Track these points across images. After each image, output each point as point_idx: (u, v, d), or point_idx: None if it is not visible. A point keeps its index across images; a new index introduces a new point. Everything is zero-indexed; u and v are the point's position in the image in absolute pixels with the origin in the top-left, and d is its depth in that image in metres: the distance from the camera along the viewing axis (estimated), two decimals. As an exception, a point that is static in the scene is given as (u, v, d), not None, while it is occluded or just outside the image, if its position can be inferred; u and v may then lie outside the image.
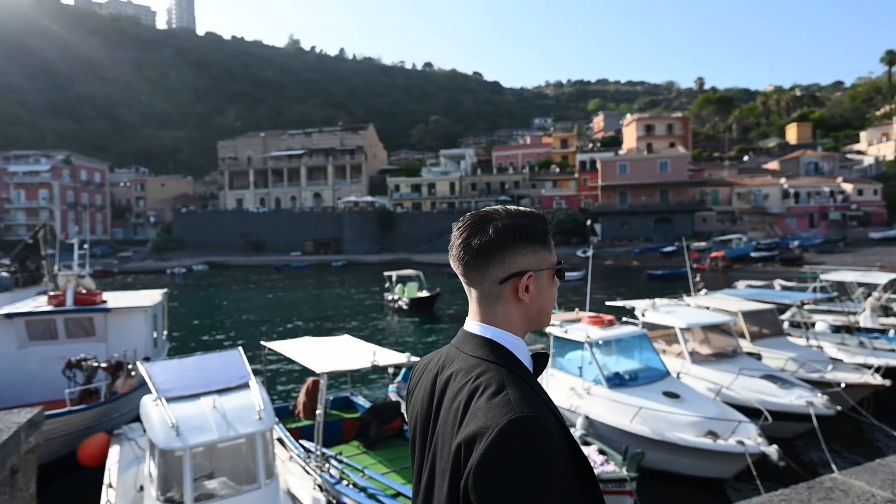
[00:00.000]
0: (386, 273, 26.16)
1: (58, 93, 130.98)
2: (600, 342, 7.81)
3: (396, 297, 24.34)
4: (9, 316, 8.61)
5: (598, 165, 64.93)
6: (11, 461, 4.23)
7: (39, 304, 9.26)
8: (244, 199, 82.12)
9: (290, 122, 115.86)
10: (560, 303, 19.97)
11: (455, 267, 1.07)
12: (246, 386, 5.21)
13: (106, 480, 5.59)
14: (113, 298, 9.96)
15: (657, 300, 10.03)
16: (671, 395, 6.92)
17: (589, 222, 62.41)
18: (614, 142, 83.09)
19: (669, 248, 49.96)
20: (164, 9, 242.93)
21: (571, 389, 7.58)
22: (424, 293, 23.71)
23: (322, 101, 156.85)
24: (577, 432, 6.80)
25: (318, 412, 5.85)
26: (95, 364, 7.73)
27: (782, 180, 61.83)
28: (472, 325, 1.05)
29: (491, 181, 74.95)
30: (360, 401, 8.71)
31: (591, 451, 6.20)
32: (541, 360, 1.05)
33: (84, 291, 9.30)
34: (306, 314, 25.93)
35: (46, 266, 13.31)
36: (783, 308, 12.43)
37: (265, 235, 73.19)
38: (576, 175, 70.56)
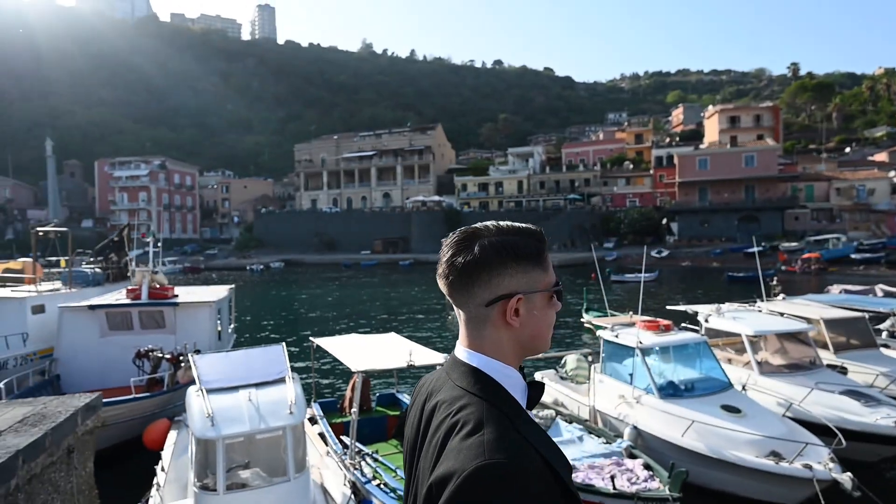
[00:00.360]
0: (448, 271, 26.18)
1: (156, 104, 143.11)
2: (653, 348, 7.35)
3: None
4: (92, 308, 9.50)
5: (676, 160, 61.62)
6: (68, 441, 4.59)
7: (119, 297, 10.12)
8: (318, 200, 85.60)
9: (362, 125, 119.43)
10: (626, 306, 19.21)
11: (441, 286, 1.00)
12: (282, 381, 5.36)
13: (160, 463, 5.96)
14: (183, 293, 10.71)
15: (724, 305, 9.27)
16: (730, 410, 6.36)
17: (665, 221, 59.40)
18: (695, 135, 78.49)
19: (754, 249, 46.40)
20: (248, 21, 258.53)
21: (621, 397, 7.18)
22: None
23: (393, 103, 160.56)
24: (623, 443, 6.43)
25: (352, 410, 5.91)
26: (160, 355, 8.33)
27: (892, 173, 55.56)
28: (461, 350, 0.99)
29: (560, 179, 73.34)
30: (406, 398, 8.76)
31: (635, 465, 5.83)
32: (536, 390, 0.97)
33: (157, 286, 10.06)
34: (370, 311, 26.58)
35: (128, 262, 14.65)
36: (883, 317, 11.11)
37: (337, 234, 75.92)
38: (651, 171, 67.42)
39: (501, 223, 0.99)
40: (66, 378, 9.22)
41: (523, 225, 0.99)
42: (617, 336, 7.63)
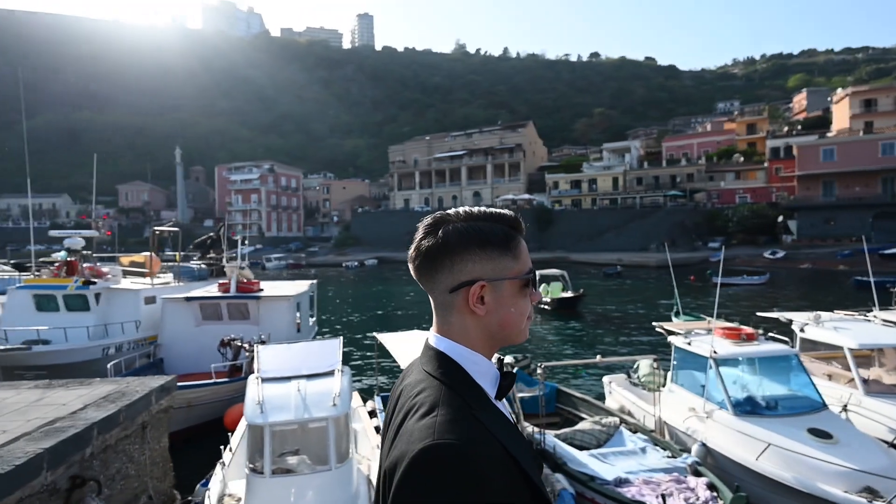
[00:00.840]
0: (529, 271, 25.79)
1: (267, 113, 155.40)
2: (730, 359, 6.65)
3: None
4: (188, 299, 10.57)
5: (796, 151, 55.54)
6: (142, 418, 5.12)
7: (212, 290, 11.15)
8: (411, 199, 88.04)
9: (454, 125, 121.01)
10: (734, 312, 17.58)
11: (411, 271, 0.99)
12: (331, 374, 5.58)
13: (229, 444, 6.46)
14: (267, 287, 11.55)
15: (825, 313, 8.15)
16: (820, 434, 5.58)
17: (781, 218, 53.78)
18: (820, 123, 70.06)
19: (894, 250, 40.51)
20: (348, 30, 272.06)
21: (691, 410, 6.60)
22: (568, 293, 22.89)
23: (485, 102, 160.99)
24: (689, 459, 5.92)
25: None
26: (239, 344, 9.05)
27: None
28: (431, 335, 0.97)
29: (660, 174, 69.23)
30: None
31: (698, 484, 5.33)
32: (507, 380, 0.94)
33: (244, 281, 10.95)
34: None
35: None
36: None
37: (430, 234, 77.54)
38: (765, 164, 61.35)
39: (474, 209, 0.95)
40: (168, 362, 10.33)
41: (497, 210, 0.96)
42: (689, 343, 7.01)
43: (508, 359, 10.25)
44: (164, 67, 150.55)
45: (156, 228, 15.90)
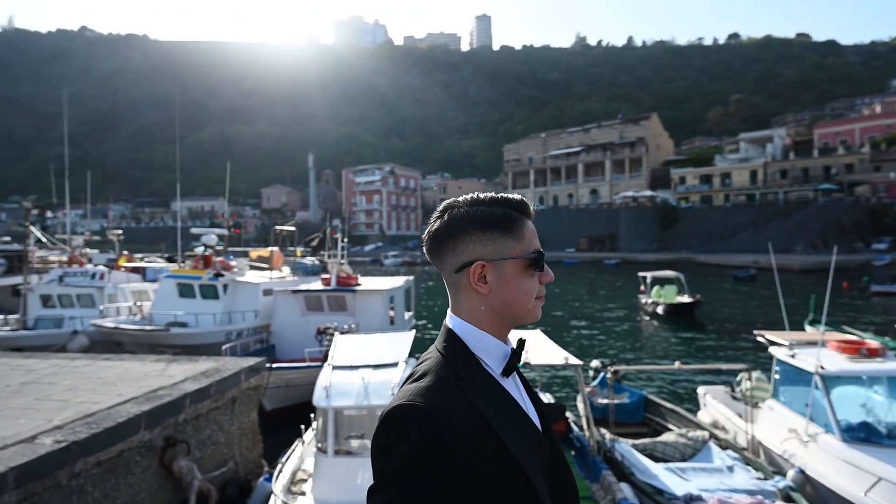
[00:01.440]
0: (641, 274, 24.32)
1: (390, 118, 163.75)
2: (843, 377, 5.73)
3: (651, 300, 22.43)
4: (295, 292, 11.67)
5: None
6: (232, 392, 5.80)
7: (317, 284, 12.17)
8: (525, 198, 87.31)
9: (573, 120, 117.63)
10: (882, 325, 14.97)
11: (425, 253, 1.03)
12: (395, 365, 5.84)
13: (312, 424, 7.05)
14: (365, 282, 12.32)
15: None
16: None
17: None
18: None
19: None
20: (467, 32, 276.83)
21: (791, 431, 5.80)
22: (684, 298, 21.13)
23: (606, 95, 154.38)
24: (780, 483, 5.25)
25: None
26: (332, 332, 9.77)
27: None
28: (448, 314, 1.01)
29: (809, 166, 61.08)
30: (546, 398, 8.58)
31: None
32: (513, 358, 0.96)
33: (344, 275, 11.80)
34: (555, 308, 26.23)
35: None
36: None
37: (542, 232, 72.37)
38: (949, 150, 51.29)
39: (481, 194, 1.00)
40: (279, 347, 11.49)
41: (503, 195, 0.99)
42: (794, 356, 6.17)
43: (595, 363, 9.84)
44: (301, 81, 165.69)
45: (276, 228, 17.71)
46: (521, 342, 0.97)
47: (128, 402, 4.66)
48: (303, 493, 5.15)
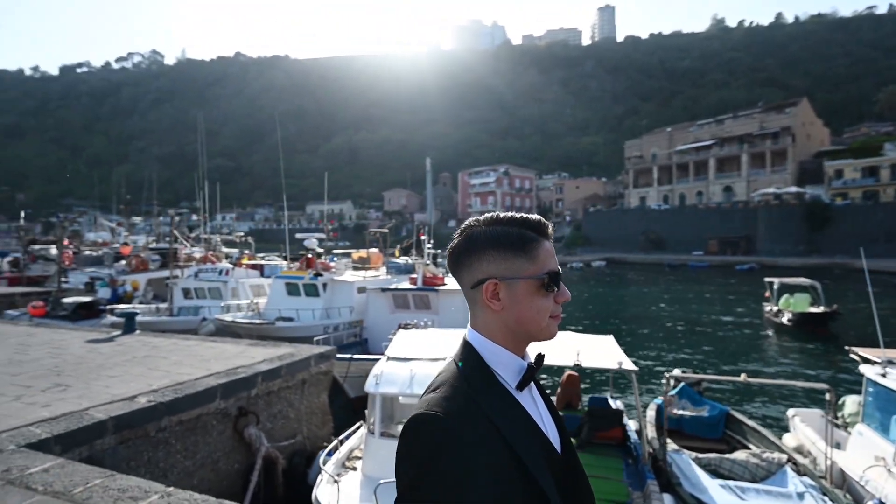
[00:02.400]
0: (767, 279, 21.92)
1: (507, 118, 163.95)
2: None
3: (777, 308, 20.15)
4: (384, 290, 12.55)
5: None
6: (302, 375, 6.61)
7: (405, 283, 12.94)
8: (647, 197, 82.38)
9: (706, 112, 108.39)
10: None
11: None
12: (445, 359, 6.19)
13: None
14: (451, 282, 12.80)
15: None
16: None
17: None
18: None
19: None
20: (588, 25, 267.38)
21: (878, 459, 5.10)
22: (816, 308, 18.66)
23: (747, 81, 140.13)
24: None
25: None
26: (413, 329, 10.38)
27: None
28: (467, 327, 1.08)
29: None
30: (618, 404, 8.39)
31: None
32: (528, 372, 1.01)
33: (430, 275, 12.42)
34: (663, 314, 24.61)
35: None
36: None
37: (666, 233, 71.57)
38: None
39: (502, 214, 1.04)
40: (371, 341, 12.44)
41: (521, 215, 1.03)
42: (885, 375, 5.40)
43: (676, 371, 9.31)
44: (422, 87, 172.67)
45: (370, 230, 18.97)
46: (540, 357, 1.01)
47: (211, 375, 5.60)
48: (354, 469, 5.75)
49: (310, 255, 14.70)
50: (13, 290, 16.24)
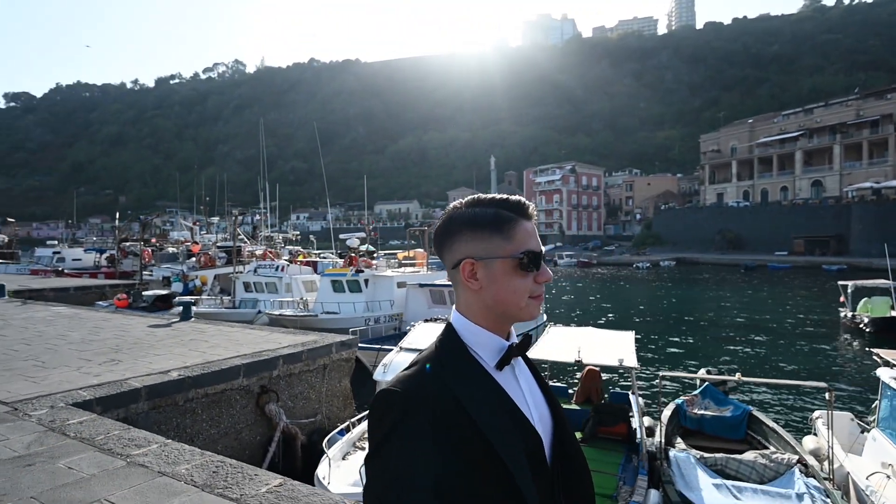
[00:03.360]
0: (841, 283, 20.33)
1: (576, 114, 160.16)
2: None
3: (853, 313, 18.67)
4: (421, 285, 13.06)
5: None
6: (323, 360, 7.21)
7: (442, 279, 13.40)
8: (725, 194, 77.79)
9: (796, 100, 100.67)
10: None
11: None
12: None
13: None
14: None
15: None
16: None
17: None
18: None
19: None
20: (664, 14, 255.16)
21: (886, 466, 4.86)
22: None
23: (845, 65, 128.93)
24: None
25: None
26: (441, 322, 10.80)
27: None
28: (452, 308, 1.10)
29: None
30: (639, 402, 8.38)
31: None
32: (508, 352, 1.00)
33: (467, 271, 12.77)
34: (730, 316, 23.39)
35: None
36: None
37: (744, 232, 67.34)
38: None
39: (483, 196, 1.04)
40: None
41: (501, 196, 1.02)
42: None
43: (702, 372, 9.09)
44: (488, 86, 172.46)
45: (410, 228, 19.55)
46: (527, 338, 1.03)
47: (238, 357, 6.31)
48: (363, 449, 6.26)
49: (353, 254, 15.55)
50: (104, 283, 18.42)
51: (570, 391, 8.88)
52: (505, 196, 1.01)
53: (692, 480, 5.61)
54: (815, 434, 7.01)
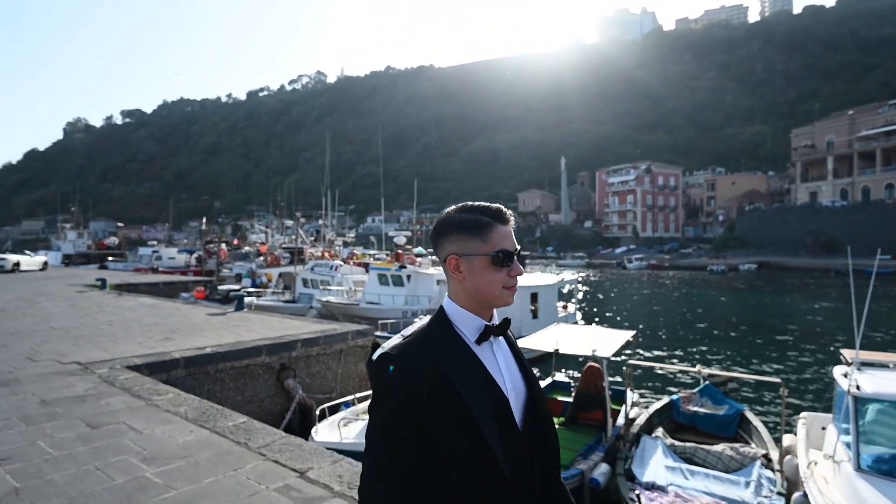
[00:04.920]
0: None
1: (655, 111, 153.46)
2: (883, 400, 4.71)
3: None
4: (453, 283, 13.87)
5: None
6: (339, 346, 8.33)
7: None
8: (819, 192, 71.80)
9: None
10: None
11: None
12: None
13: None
14: (531, 278, 13.76)
15: None
16: None
17: None
18: None
19: None
20: (757, 0, 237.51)
21: (828, 458, 5.06)
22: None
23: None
24: (774, 502, 4.92)
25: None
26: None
27: None
28: (445, 294, 1.26)
29: None
30: (634, 397, 8.79)
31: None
32: (487, 330, 1.16)
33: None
34: (803, 325, 22.10)
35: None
36: None
37: (841, 234, 61.79)
38: None
39: (471, 203, 1.23)
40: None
41: (484, 204, 1.21)
42: (845, 376, 5.26)
43: (698, 367, 9.25)
44: (561, 85, 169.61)
45: None
46: (506, 321, 1.22)
47: (263, 339, 7.54)
48: (363, 419, 7.27)
49: (399, 251, 16.77)
50: (188, 279, 21.03)
51: (573, 385, 9.41)
52: (486, 204, 1.20)
53: (648, 460, 6.09)
54: (795, 433, 7.11)
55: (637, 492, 5.23)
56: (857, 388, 4.99)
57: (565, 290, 20.06)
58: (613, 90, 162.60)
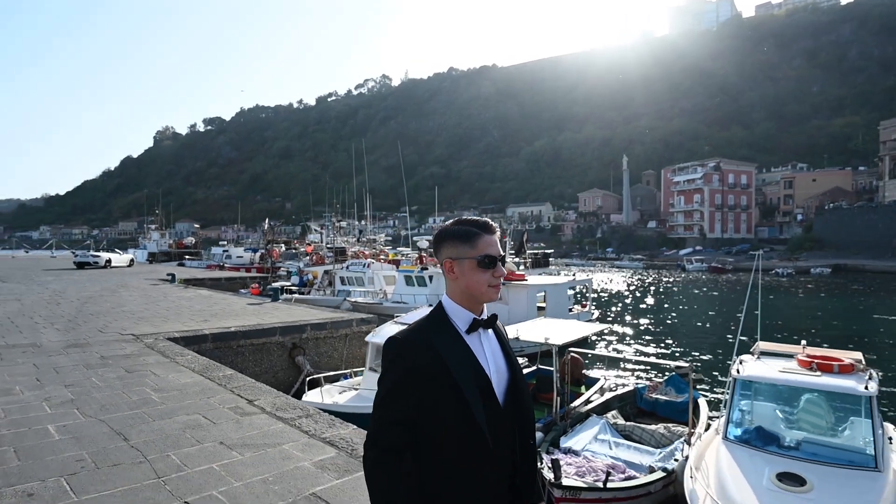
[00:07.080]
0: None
1: (731, 104, 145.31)
2: (757, 383, 5.41)
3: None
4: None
5: None
6: (344, 331, 9.89)
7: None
8: (489, 220, 65.46)
9: None
10: None
11: None
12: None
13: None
14: (531, 279, 14.71)
15: None
16: (791, 478, 4.42)
17: None
18: None
19: None
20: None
21: (717, 431, 5.91)
22: None
23: None
24: (665, 465, 5.87)
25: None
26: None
27: None
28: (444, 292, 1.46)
29: None
30: (608, 385, 9.69)
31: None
32: (475, 323, 1.38)
33: (508, 271, 14.56)
34: (831, 325, 21.31)
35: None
36: None
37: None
38: None
39: (466, 216, 1.53)
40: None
41: (473, 218, 1.46)
42: (741, 363, 6.01)
43: (677, 362, 9.92)
44: (628, 81, 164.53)
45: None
46: (493, 316, 1.46)
47: (279, 322, 9.20)
48: (356, 389, 8.74)
49: (423, 254, 18.21)
50: (247, 275, 23.73)
51: (556, 373, 10.38)
52: (476, 218, 1.45)
53: (580, 433, 7.10)
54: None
55: (552, 455, 6.26)
56: (738, 371, 5.81)
57: (593, 291, 20.60)
58: (686, 84, 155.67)
